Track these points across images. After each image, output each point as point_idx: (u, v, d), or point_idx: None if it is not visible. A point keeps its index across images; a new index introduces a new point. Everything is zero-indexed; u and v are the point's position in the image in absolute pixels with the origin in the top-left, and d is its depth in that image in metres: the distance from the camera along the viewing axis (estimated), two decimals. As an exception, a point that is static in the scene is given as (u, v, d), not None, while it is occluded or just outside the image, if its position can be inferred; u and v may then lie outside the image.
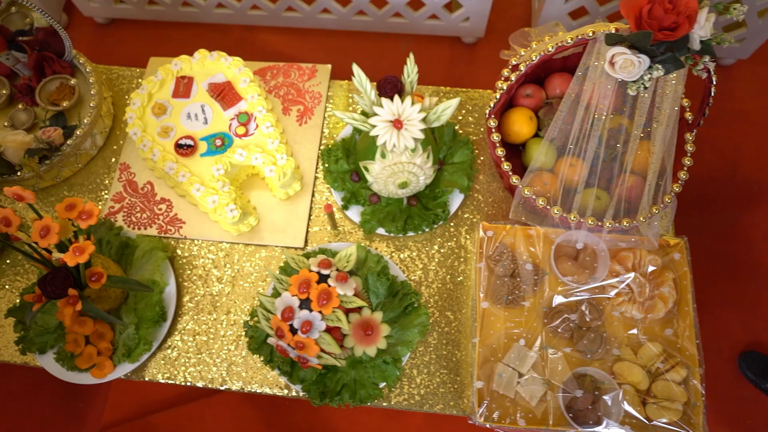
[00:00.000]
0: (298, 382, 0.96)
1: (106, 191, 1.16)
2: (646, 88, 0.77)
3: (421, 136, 0.95)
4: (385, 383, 0.96)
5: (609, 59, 0.76)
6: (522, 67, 0.97)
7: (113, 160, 1.19)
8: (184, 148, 1.09)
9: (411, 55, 1.01)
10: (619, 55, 0.74)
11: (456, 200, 1.09)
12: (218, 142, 1.09)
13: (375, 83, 0.98)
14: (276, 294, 1.02)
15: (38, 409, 1.56)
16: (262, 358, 0.97)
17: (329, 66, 1.23)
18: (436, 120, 0.97)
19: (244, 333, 1.03)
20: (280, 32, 1.78)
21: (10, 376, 1.59)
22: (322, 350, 0.82)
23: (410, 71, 0.99)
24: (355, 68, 0.96)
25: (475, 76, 1.72)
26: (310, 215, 1.11)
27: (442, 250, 1.09)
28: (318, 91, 1.21)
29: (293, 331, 0.81)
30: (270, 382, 1.01)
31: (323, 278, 0.82)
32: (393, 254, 1.09)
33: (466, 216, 1.11)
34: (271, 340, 0.86)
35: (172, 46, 1.79)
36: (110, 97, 1.22)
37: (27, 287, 1.04)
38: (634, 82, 0.78)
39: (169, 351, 1.03)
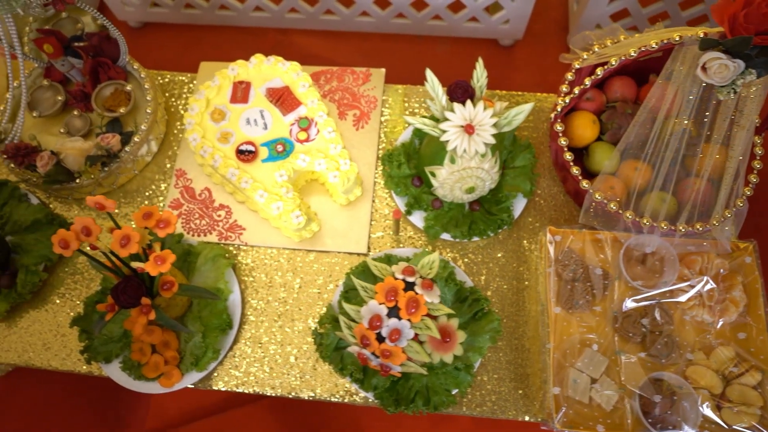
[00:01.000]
0: (371, 390, 0.95)
1: (162, 198, 1.16)
2: (736, 92, 0.77)
3: (493, 141, 0.95)
4: (457, 390, 0.95)
5: (701, 64, 0.76)
6: (599, 72, 0.96)
7: (168, 166, 1.18)
8: (246, 154, 1.08)
9: (480, 60, 1.01)
10: (714, 60, 0.74)
11: (519, 205, 1.09)
12: (279, 148, 1.08)
13: (445, 88, 0.98)
14: (345, 301, 1.02)
15: (80, 415, 1.55)
16: (332, 366, 0.96)
17: (383, 70, 1.23)
18: (507, 125, 0.97)
19: (312, 340, 1.03)
20: (315, 35, 1.77)
21: (51, 382, 1.58)
22: (408, 358, 0.81)
23: (479, 76, 0.99)
24: (429, 73, 0.96)
25: (513, 78, 1.71)
26: (371, 221, 1.11)
27: (504, 255, 1.08)
28: (373, 95, 1.20)
29: (380, 339, 0.80)
30: (336, 389, 1.00)
31: (409, 286, 0.81)
32: (456, 260, 1.08)
33: (528, 220, 1.11)
34: (353, 349, 0.85)
35: (206, 49, 1.78)
36: (164, 102, 1.21)
37: (90, 296, 1.03)
38: (723, 86, 0.77)
39: (236, 359, 1.02)
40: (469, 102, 0.95)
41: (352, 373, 0.95)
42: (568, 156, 1.01)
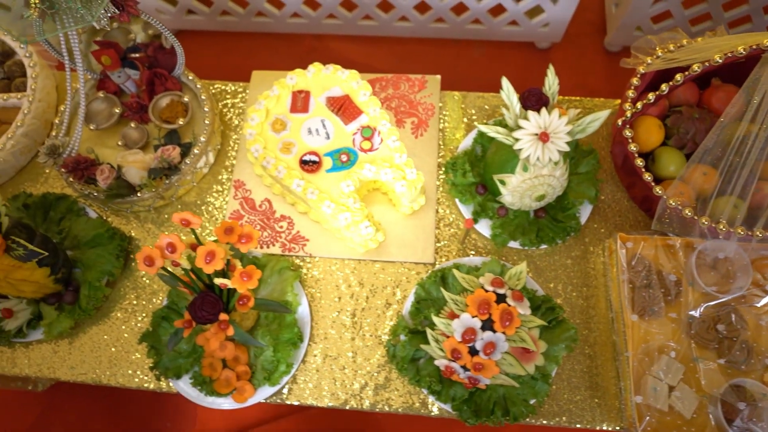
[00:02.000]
0: (448, 401, 0.94)
1: (221, 209, 1.14)
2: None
3: (567, 148, 0.94)
4: (535, 399, 0.95)
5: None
6: (679, 78, 0.96)
7: (225, 177, 1.17)
8: (309, 165, 1.07)
9: (551, 66, 1.00)
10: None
11: (584, 211, 1.08)
12: (344, 158, 1.07)
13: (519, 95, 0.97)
14: (417, 312, 1.01)
15: (124, 428, 1.54)
16: (408, 378, 0.95)
17: (438, 77, 1.22)
18: (581, 132, 0.96)
19: (383, 351, 1.02)
20: (349, 40, 1.76)
21: (92, 395, 1.56)
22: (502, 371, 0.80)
23: (551, 83, 0.98)
24: (504, 82, 0.95)
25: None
26: (435, 229, 1.10)
27: (570, 262, 1.07)
28: (430, 102, 1.19)
29: (472, 352, 0.79)
30: (411, 401, 0.99)
31: (501, 298, 0.80)
32: (524, 267, 1.07)
33: (593, 226, 1.10)
34: (440, 362, 0.84)
35: (241, 56, 1.77)
36: (218, 112, 1.20)
37: (157, 311, 1.01)
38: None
39: (307, 372, 1.01)
40: (543, 110, 0.94)
41: (430, 385, 0.94)
42: (640, 162, 1.00)
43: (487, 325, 0.79)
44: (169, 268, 0.95)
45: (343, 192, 1.04)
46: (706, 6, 1.49)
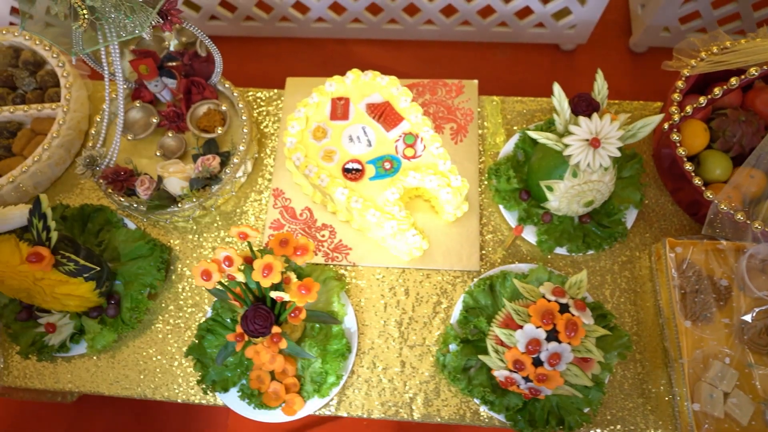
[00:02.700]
0: (502, 411, 0.93)
1: (260, 218, 1.13)
2: None
3: (618, 154, 0.93)
4: (589, 408, 0.93)
5: None
6: (734, 81, 0.95)
7: (263, 185, 1.15)
8: (353, 173, 1.05)
9: (599, 71, 0.99)
10: None
11: (630, 216, 1.07)
12: (387, 165, 1.05)
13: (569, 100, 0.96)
14: (465, 321, 1.00)
15: (154, 440, 1.52)
16: (460, 388, 0.94)
17: (476, 81, 1.21)
18: (631, 137, 0.95)
19: (432, 361, 1.00)
20: (372, 44, 1.75)
21: (120, 406, 1.55)
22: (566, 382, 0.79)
23: (600, 87, 0.97)
24: (556, 87, 0.94)
25: (577, 83, 1.70)
26: (480, 236, 1.09)
27: (617, 268, 1.06)
28: (468, 107, 1.18)
29: (536, 363, 0.78)
30: (463, 412, 0.98)
31: (563, 307, 0.79)
32: (570, 275, 1.06)
33: (637, 231, 1.09)
34: (500, 373, 0.83)
35: (264, 62, 1.75)
36: (255, 120, 1.19)
37: (202, 323, 1.00)
38: None
39: (356, 384, 1.00)
40: (595, 115, 0.93)
41: (483, 395, 0.93)
42: (689, 166, 0.99)
43: (552, 335, 0.77)
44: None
45: (388, 200, 1.03)
46: (736, 6, 1.49)
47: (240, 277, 0.82)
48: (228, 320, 1.01)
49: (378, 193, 1.05)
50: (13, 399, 1.23)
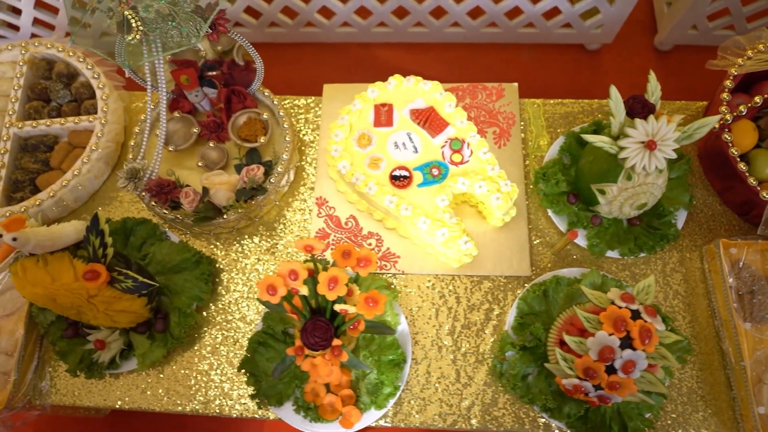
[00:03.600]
0: (563, 419, 0.92)
1: (303, 228, 1.11)
2: None
3: (674, 155, 0.93)
4: (650, 413, 0.93)
5: None
6: None
7: (305, 194, 1.14)
8: (400, 180, 1.04)
9: (651, 72, 0.98)
10: None
11: (680, 217, 1.06)
12: (435, 172, 1.04)
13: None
14: (521, 327, 0.98)
15: (189, 452, 1.50)
16: (519, 396, 0.93)
17: (516, 84, 1.19)
18: (687, 138, 0.94)
19: (491, 369, 0.99)
20: (396, 47, 1.74)
21: (153, 419, 1.53)
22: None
23: (654, 89, 0.96)
24: (613, 90, 0.93)
25: (602, 84, 1.69)
26: (529, 241, 1.08)
27: (668, 270, 1.05)
28: (510, 111, 1.17)
29: (609, 371, 0.77)
30: (521, 420, 0.96)
31: (635, 314, 0.78)
32: (623, 278, 1.05)
33: (686, 233, 1.08)
34: (568, 381, 0.82)
35: (287, 67, 1.73)
36: (295, 128, 1.17)
37: (253, 336, 0.98)
38: None
39: (411, 394, 0.99)
40: (651, 117, 0.92)
41: (545, 403, 0.92)
42: (743, 166, 0.99)
43: (625, 342, 0.76)
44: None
45: (438, 207, 1.02)
46: (765, 2, 1.48)
47: (303, 291, 0.81)
48: (280, 333, 0.99)
49: (426, 200, 1.03)
50: (50, 414, 1.21)
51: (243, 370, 0.96)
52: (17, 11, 1.54)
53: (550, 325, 0.97)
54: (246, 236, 1.11)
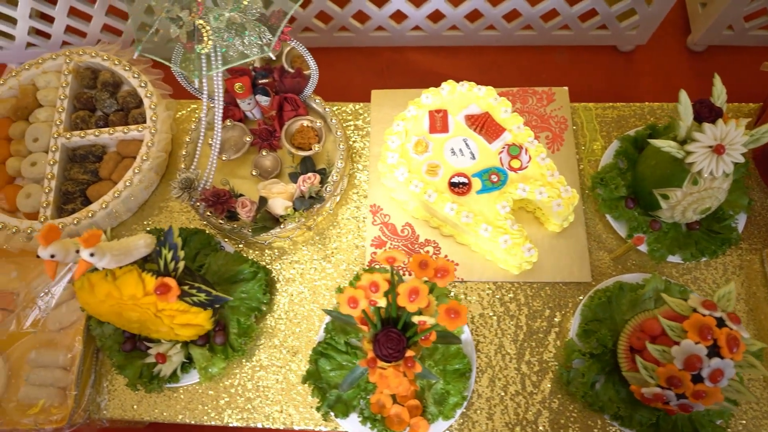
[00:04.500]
0: (635, 426, 0.91)
1: (358, 236, 1.10)
2: None
3: (742, 159, 0.92)
4: (722, 420, 0.92)
5: None
6: None
7: (358, 201, 1.13)
8: (459, 187, 1.03)
9: (716, 76, 0.97)
10: None
11: (740, 220, 1.05)
12: (494, 178, 1.03)
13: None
14: (586, 334, 0.97)
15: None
16: (589, 404, 0.92)
17: (566, 88, 1.19)
18: (755, 142, 0.93)
19: (556, 376, 0.98)
20: (428, 51, 1.73)
21: (192, 430, 1.51)
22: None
23: (719, 92, 0.96)
24: (683, 95, 0.93)
25: (636, 85, 1.68)
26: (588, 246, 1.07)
27: (729, 274, 1.05)
28: (562, 115, 1.16)
29: (695, 380, 0.76)
30: (590, 428, 0.95)
31: (720, 322, 0.77)
32: (686, 283, 1.04)
33: (745, 236, 1.07)
34: (648, 390, 0.81)
35: (320, 72, 1.72)
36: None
37: (315, 347, 0.97)
38: None
39: (478, 403, 0.98)
40: (719, 121, 0.92)
41: (617, 411, 0.91)
42: (806, 169, 0.98)
43: (712, 351, 0.75)
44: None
45: (500, 214, 1.01)
46: (803, 2, 1.48)
47: (382, 303, 0.79)
48: (342, 343, 0.98)
49: (486, 207, 1.02)
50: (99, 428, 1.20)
51: (307, 383, 0.95)
52: (49, 19, 1.52)
53: (616, 332, 0.96)
54: (299, 245, 1.10)
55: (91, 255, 0.74)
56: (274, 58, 0.85)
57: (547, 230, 1.08)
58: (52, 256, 0.77)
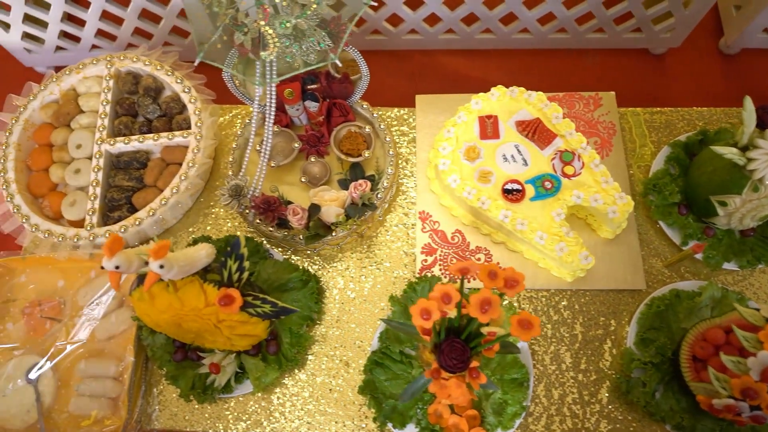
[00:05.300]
0: (700, 437, 0.90)
1: (407, 243, 1.09)
2: None
3: (807, 166, 0.91)
4: (784, 429, 0.91)
5: None
6: None
7: (406, 208, 1.12)
8: (513, 193, 1.02)
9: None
10: None
11: (793, 227, 1.05)
12: (548, 185, 1.02)
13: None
14: (643, 343, 0.96)
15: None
16: (652, 413, 0.91)
17: (613, 93, 1.18)
18: (817, 149, 0.93)
19: (613, 385, 0.97)
20: (459, 54, 1.71)
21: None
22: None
23: (781, 99, 0.95)
24: (747, 101, 0.91)
25: (668, 88, 1.67)
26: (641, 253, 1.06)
27: (781, 280, 1.04)
28: (609, 120, 1.15)
29: (772, 390, 0.75)
30: (651, 438, 0.95)
31: (795, 332, 0.76)
32: (742, 291, 1.03)
33: (799, 242, 1.06)
34: (720, 402, 0.80)
35: (349, 75, 1.71)
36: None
37: (370, 356, 0.96)
38: None
39: (536, 412, 0.97)
40: (783, 128, 0.91)
41: (681, 421, 0.90)
42: None
43: (789, 362, 0.75)
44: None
45: (555, 221, 1.00)
46: (841, 5, 1.47)
47: (452, 314, 0.78)
48: (397, 353, 0.97)
49: (540, 214, 1.01)
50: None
51: (363, 393, 0.94)
52: (80, 22, 1.51)
53: (673, 341, 0.95)
54: (347, 252, 1.09)
55: (161, 267, 0.73)
56: (341, 64, 0.84)
57: (599, 236, 1.07)
58: (117, 268, 0.76)
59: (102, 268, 0.76)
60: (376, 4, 0.83)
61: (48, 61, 1.65)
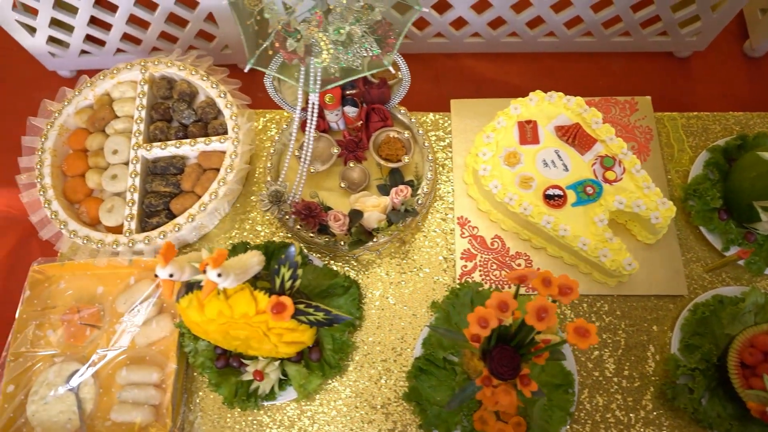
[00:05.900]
0: (748, 444, 0.90)
1: (446, 248, 1.09)
2: None
3: None
4: (831, 436, 0.90)
5: None
6: None
7: (444, 213, 1.11)
8: (555, 199, 1.02)
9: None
10: None
11: (835, 232, 1.04)
12: (590, 190, 1.02)
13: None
14: (688, 349, 0.96)
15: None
16: (699, 420, 0.91)
17: (649, 98, 1.18)
18: None
19: (658, 391, 0.97)
20: (483, 58, 1.71)
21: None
22: None
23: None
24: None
25: (694, 92, 1.67)
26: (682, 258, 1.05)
27: (823, 286, 1.04)
28: (646, 125, 1.15)
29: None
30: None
31: None
32: (780, 294, 1.03)
33: (839, 247, 1.06)
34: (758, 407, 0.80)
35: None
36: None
37: (414, 362, 0.96)
38: None
39: (581, 418, 0.96)
40: (831, 133, 0.91)
41: (729, 427, 0.89)
42: None
43: None
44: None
45: (597, 227, 0.99)
46: None
47: (508, 321, 0.78)
48: (440, 359, 0.96)
49: (582, 220, 1.01)
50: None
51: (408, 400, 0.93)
52: (106, 26, 1.50)
53: (717, 347, 0.95)
54: (386, 257, 1.09)
55: (219, 275, 0.72)
56: (394, 71, 0.83)
57: (639, 242, 1.06)
58: (171, 275, 0.75)
59: (156, 276, 0.75)
60: (426, 10, 0.82)
61: (71, 65, 1.65)
